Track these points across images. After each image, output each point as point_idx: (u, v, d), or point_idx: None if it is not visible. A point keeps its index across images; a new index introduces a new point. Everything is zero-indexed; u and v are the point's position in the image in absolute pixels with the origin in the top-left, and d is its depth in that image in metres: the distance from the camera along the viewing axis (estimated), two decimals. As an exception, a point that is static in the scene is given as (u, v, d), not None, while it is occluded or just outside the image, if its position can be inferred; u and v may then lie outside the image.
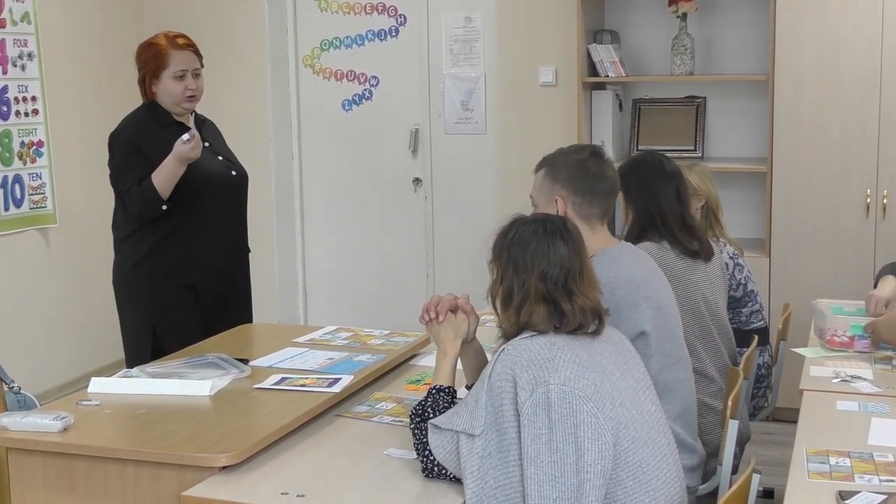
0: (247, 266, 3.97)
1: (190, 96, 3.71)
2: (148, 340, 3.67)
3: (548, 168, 2.82)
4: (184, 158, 3.53)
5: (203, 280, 3.73)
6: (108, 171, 3.72)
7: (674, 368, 2.81)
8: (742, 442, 3.45)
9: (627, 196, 3.32)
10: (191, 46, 3.75)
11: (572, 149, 2.90)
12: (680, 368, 2.84)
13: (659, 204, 3.27)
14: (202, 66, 3.78)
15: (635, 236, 3.26)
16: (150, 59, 3.70)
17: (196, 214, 3.68)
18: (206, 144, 3.75)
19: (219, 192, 3.76)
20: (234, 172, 3.84)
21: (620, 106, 5.55)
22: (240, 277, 3.93)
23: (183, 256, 3.69)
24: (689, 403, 2.89)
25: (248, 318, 3.93)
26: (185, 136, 3.52)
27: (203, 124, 3.87)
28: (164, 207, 3.59)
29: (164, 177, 3.56)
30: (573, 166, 2.78)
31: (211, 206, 3.72)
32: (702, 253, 3.30)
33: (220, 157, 3.83)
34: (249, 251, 4.00)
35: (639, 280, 2.75)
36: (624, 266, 2.75)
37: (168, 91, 3.68)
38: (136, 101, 3.81)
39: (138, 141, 3.63)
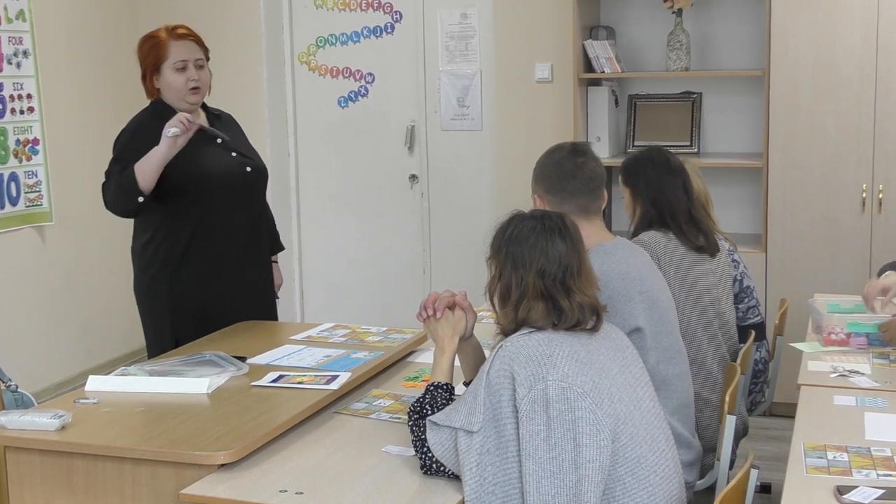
0: (270, 266, 3.84)
1: (193, 88, 3.53)
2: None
3: (534, 168, 2.89)
4: (169, 142, 3.32)
5: (224, 285, 3.60)
6: (105, 169, 3.64)
7: (671, 362, 2.81)
8: (738, 437, 3.45)
9: (635, 192, 3.36)
10: (191, 36, 3.58)
11: (554, 147, 2.94)
12: (677, 362, 2.85)
13: (667, 198, 3.30)
14: (207, 57, 3.61)
15: (644, 230, 3.30)
16: (149, 53, 3.53)
17: (210, 217, 3.54)
18: (219, 141, 3.62)
19: (232, 191, 3.59)
20: (248, 169, 3.66)
21: (616, 102, 5.55)
22: (263, 278, 3.79)
23: (201, 262, 3.55)
24: (687, 398, 2.90)
25: (272, 318, 3.83)
26: (172, 129, 3.33)
27: (218, 119, 3.72)
28: (141, 200, 3.37)
29: (150, 163, 3.33)
30: (549, 166, 2.86)
31: (225, 206, 3.56)
32: (707, 248, 3.32)
33: (234, 154, 3.64)
34: (283, 248, 3.89)
35: (632, 274, 2.76)
36: (617, 260, 2.76)
37: (170, 85, 3.52)
38: (131, 97, 3.72)
39: (139, 146, 3.43)
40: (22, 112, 5.38)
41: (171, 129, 3.33)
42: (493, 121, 5.90)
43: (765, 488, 3.99)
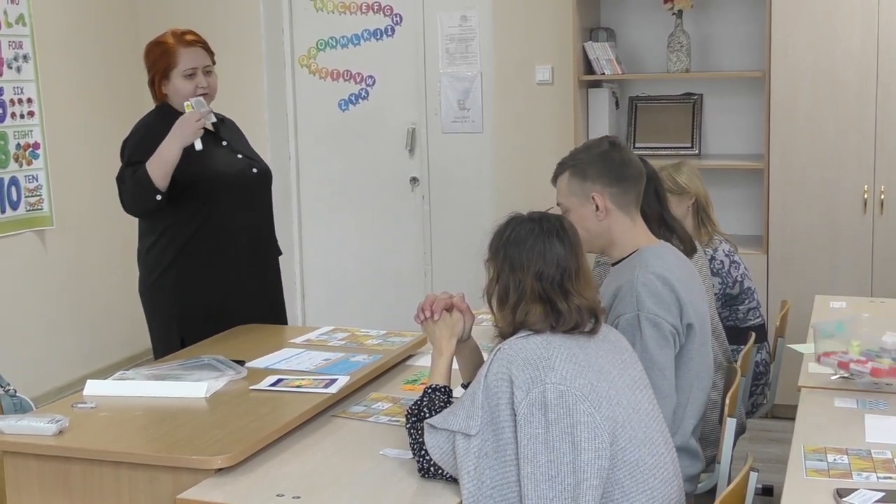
0: (276, 267, 3.84)
1: (201, 95, 3.56)
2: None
3: (572, 169, 2.77)
4: (181, 126, 3.36)
5: (230, 286, 3.60)
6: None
7: (698, 376, 2.79)
8: (736, 436, 3.43)
9: None
10: (200, 43, 3.61)
11: (589, 144, 2.90)
12: (703, 377, 2.83)
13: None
14: (213, 62, 3.64)
15: None
16: (159, 59, 3.56)
17: (217, 217, 3.55)
18: (224, 143, 3.66)
19: (239, 191, 3.61)
20: (255, 170, 3.69)
21: (617, 104, 5.55)
22: (269, 280, 3.79)
23: (207, 263, 3.56)
24: (701, 413, 2.87)
25: (281, 321, 3.83)
26: (190, 102, 3.40)
27: (222, 123, 3.74)
28: (159, 198, 3.39)
29: (161, 158, 3.36)
30: (598, 160, 2.75)
31: (232, 207, 3.57)
32: (682, 251, 3.27)
33: (241, 156, 3.69)
34: (280, 253, 3.88)
35: (685, 281, 2.76)
36: (673, 264, 2.77)
37: (178, 91, 3.54)
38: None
39: (148, 148, 3.44)
40: (22, 116, 5.38)
41: (191, 101, 3.46)
42: (493, 123, 5.89)
43: (767, 490, 3.98)
